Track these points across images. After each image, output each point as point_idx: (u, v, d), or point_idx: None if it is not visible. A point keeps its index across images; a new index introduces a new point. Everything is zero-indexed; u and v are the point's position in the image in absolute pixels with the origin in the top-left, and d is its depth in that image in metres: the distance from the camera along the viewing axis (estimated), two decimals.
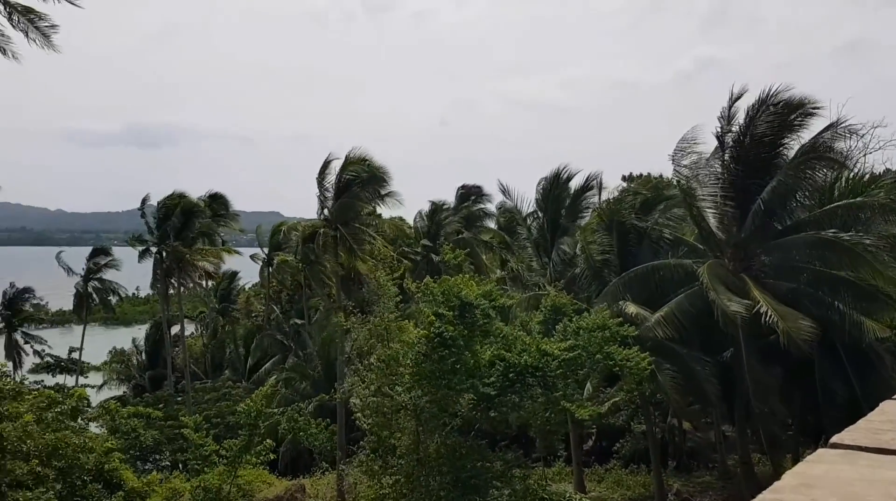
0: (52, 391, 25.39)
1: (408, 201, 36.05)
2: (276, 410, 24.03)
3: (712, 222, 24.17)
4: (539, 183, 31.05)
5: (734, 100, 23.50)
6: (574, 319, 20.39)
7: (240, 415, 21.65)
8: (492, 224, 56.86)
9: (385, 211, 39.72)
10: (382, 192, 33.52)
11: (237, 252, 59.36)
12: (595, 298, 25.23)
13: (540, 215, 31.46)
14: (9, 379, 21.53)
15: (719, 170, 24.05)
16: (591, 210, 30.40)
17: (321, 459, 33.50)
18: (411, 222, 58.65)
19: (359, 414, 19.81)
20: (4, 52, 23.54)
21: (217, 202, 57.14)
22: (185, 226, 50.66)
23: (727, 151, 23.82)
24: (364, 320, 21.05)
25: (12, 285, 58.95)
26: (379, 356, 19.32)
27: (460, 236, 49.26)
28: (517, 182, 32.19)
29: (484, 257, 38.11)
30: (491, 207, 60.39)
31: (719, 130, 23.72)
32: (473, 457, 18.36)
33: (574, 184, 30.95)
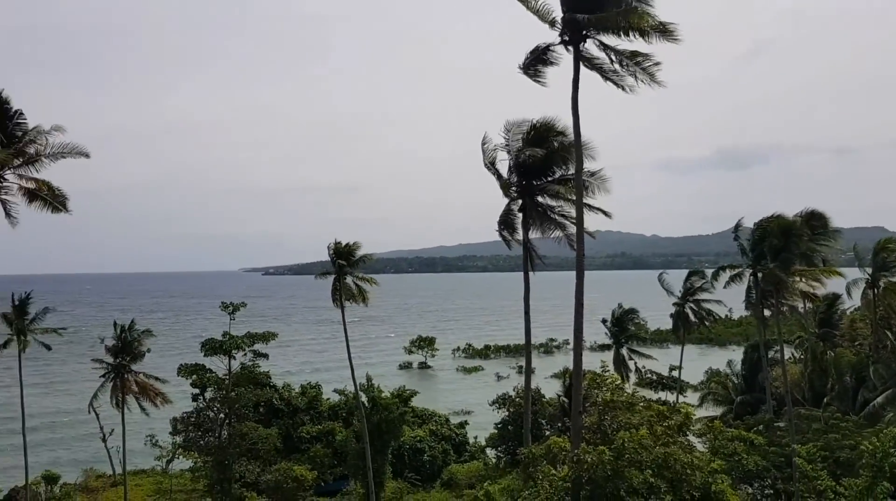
0: (659, 405, 26.67)
1: None
2: None
3: None
4: None
5: None
6: None
7: (861, 453, 19.33)
8: None
9: None
10: None
11: (839, 273, 54.46)
12: None
13: None
14: (622, 392, 23.29)
15: None
16: None
17: None
18: None
19: None
20: (620, 87, 25.88)
21: (815, 220, 53.78)
22: (782, 247, 48.89)
23: None
24: None
25: (620, 305, 65.20)
26: None
27: None
28: None
29: None
30: None
31: None
32: None
33: None
